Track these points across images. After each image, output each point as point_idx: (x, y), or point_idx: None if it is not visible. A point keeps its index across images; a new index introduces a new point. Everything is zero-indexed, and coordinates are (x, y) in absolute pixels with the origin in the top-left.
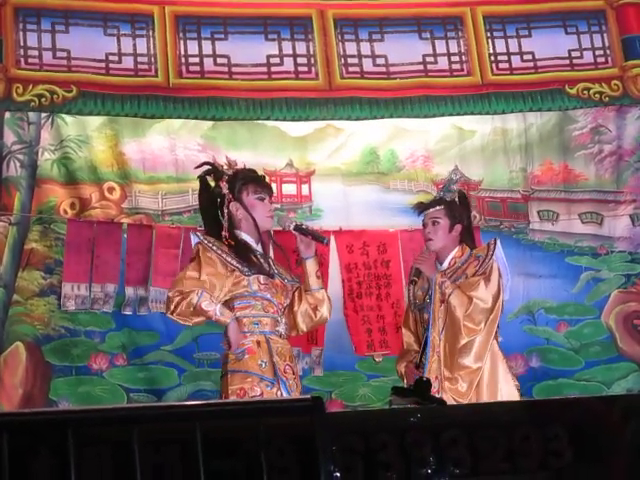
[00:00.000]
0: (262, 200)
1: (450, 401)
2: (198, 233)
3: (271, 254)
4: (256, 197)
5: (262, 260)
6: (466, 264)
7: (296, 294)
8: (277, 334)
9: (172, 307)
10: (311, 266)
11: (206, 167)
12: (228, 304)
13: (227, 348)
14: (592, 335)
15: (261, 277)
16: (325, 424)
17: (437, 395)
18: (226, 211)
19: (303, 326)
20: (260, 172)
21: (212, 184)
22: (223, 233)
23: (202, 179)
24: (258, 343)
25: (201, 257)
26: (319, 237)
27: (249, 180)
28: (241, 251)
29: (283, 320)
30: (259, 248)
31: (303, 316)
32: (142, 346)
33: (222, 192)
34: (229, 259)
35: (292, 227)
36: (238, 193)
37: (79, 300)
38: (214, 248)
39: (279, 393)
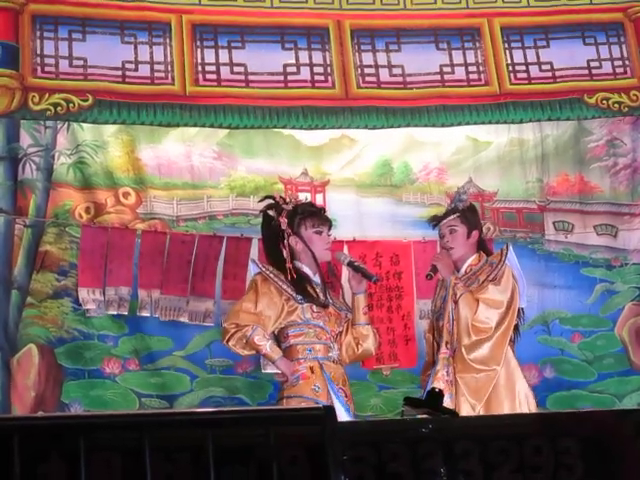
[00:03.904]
0: (320, 234)
1: (464, 403)
2: (257, 262)
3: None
4: (314, 231)
5: (318, 291)
6: (480, 270)
7: (345, 325)
8: (330, 359)
9: (227, 337)
10: (359, 301)
11: (268, 201)
12: (283, 332)
13: (285, 380)
14: (606, 347)
15: (314, 306)
16: (336, 433)
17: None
18: (287, 244)
19: (346, 357)
20: (275, 180)
21: (274, 216)
22: (287, 266)
23: (265, 214)
24: (311, 369)
25: (259, 289)
26: (368, 275)
27: (307, 215)
28: (299, 282)
29: (335, 346)
30: (317, 279)
31: (347, 348)
32: (155, 351)
33: (282, 227)
34: (285, 287)
35: (346, 263)
36: (297, 227)
37: (96, 304)
38: (272, 277)
39: None
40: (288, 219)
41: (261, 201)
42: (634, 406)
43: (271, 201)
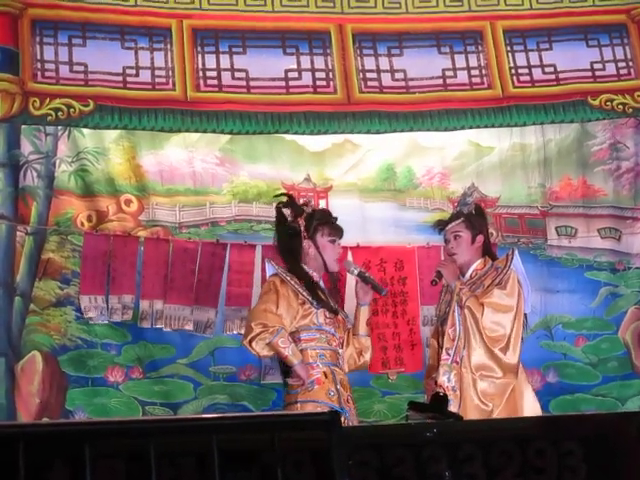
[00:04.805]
0: (333, 242)
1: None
2: (273, 262)
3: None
4: (329, 239)
5: (327, 296)
6: (485, 275)
7: (346, 335)
8: (338, 366)
9: (251, 336)
10: (364, 313)
11: (285, 198)
12: (293, 336)
13: (299, 385)
14: (610, 350)
15: (326, 312)
16: (341, 438)
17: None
18: (299, 247)
19: (345, 367)
20: (278, 186)
21: (287, 216)
22: (302, 265)
23: (279, 211)
24: (325, 374)
25: (280, 291)
26: (378, 288)
27: (324, 222)
28: (311, 286)
29: (342, 353)
30: (322, 285)
31: (348, 358)
32: (158, 359)
33: (299, 228)
34: (301, 290)
35: (356, 273)
36: (313, 232)
37: (98, 311)
38: (289, 279)
39: (345, 422)
40: (306, 222)
41: (277, 196)
42: (635, 409)
43: (288, 200)
